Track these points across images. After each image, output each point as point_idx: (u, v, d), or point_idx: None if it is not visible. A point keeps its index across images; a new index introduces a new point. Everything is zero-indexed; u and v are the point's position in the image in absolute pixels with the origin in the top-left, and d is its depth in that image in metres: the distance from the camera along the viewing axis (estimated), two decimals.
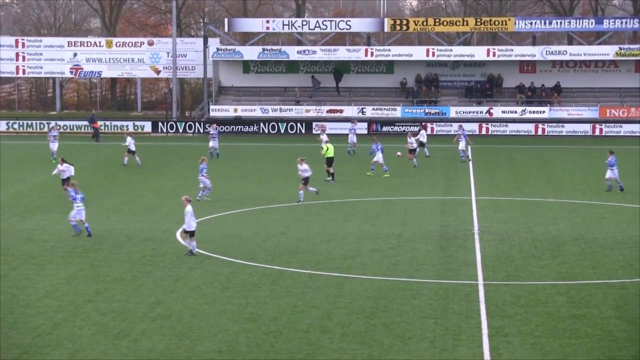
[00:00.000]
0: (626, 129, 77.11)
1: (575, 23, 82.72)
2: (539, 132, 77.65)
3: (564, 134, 77.36)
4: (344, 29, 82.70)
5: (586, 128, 77.61)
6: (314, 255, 33.06)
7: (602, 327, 24.74)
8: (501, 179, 53.14)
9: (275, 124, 79.24)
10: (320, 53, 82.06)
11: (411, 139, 58.66)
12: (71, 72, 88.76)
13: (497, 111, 79.66)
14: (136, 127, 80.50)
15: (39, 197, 46.03)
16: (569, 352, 22.79)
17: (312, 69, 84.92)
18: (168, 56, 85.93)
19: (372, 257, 32.91)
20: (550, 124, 78.08)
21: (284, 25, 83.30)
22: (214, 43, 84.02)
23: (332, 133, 71.09)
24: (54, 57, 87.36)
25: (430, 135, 72.25)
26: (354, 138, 64.78)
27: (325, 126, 74.65)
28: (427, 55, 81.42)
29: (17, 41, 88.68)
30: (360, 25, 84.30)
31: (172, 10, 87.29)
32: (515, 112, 79.67)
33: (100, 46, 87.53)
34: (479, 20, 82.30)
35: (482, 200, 45.24)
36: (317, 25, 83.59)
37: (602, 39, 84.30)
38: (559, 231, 37.53)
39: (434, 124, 77.93)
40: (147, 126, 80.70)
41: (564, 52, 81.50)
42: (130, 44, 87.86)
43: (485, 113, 79.74)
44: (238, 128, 79.77)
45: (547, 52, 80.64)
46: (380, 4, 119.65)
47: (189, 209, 32.70)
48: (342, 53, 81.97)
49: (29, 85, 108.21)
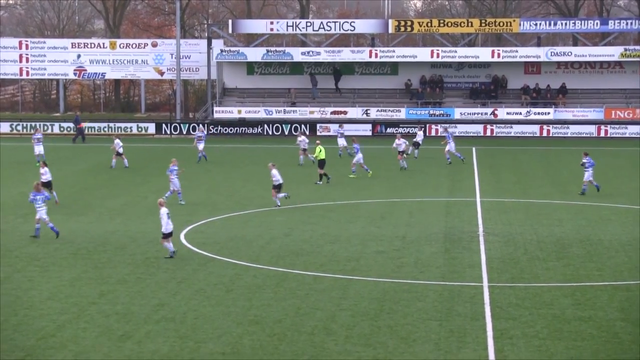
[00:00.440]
0: (631, 131, 76.97)
1: (580, 24, 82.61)
2: (544, 134, 77.55)
3: (569, 135, 77.26)
4: (348, 30, 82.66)
5: (591, 129, 77.49)
6: (318, 257, 32.97)
7: (607, 329, 24.64)
8: (506, 181, 53.03)
9: (279, 125, 79.19)
10: (325, 54, 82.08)
11: (400, 140, 57.39)
12: (75, 74, 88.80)
13: (502, 112, 79.60)
14: (140, 129, 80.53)
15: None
16: (574, 355, 22.70)
17: (316, 70, 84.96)
18: (172, 57, 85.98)
19: (377, 259, 32.82)
20: (555, 126, 77.98)
21: (288, 26, 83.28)
22: (217, 44, 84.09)
23: (336, 135, 70.87)
24: (57, 59, 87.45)
25: (434, 137, 72.23)
26: (343, 141, 63.47)
27: (304, 130, 74.35)
28: (432, 57, 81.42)
29: (20, 43, 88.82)
30: (364, 26, 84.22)
31: (175, 11, 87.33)
32: (520, 114, 79.62)
33: (104, 47, 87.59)
34: (483, 21, 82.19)
35: (486, 201, 45.14)
36: (322, 26, 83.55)
37: (607, 40, 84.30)
38: (564, 233, 37.43)
39: (438, 125, 77.85)
40: (151, 128, 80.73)
41: (569, 53, 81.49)
42: (134, 46, 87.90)
43: (490, 114, 79.70)
44: (242, 130, 79.77)
45: (552, 53, 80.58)
46: (384, 4, 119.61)
47: (163, 211, 32.48)
48: (347, 54, 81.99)
49: (32, 87, 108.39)
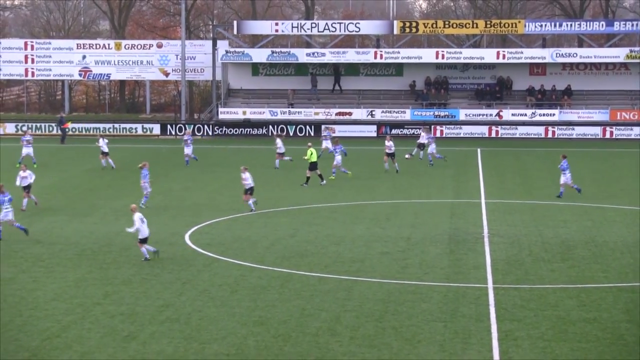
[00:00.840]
0: (637, 132, 76.78)
1: (586, 25, 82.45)
2: (549, 135, 77.45)
3: (574, 136, 77.16)
4: (353, 31, 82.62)
5: (596, 131, 77.36)
6: (323, 258, 32.96)
7: (612, 330, 24.61)
8: (511, 182, 52.98)
9: (284, 126, 79.13)
10: (329, 55, 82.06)
11: (390, 142, 55.98)
12: (80, 75, 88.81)
13: (507, 114, 79.51)
14: (145, 130, 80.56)
15: (47, 199, 45.96)
16: (579, 356, 22.68)
17: (321, 71, 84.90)
18: (177, 58, 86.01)
19: (381, 260, 32.80)
20: (560, 127, 77.88)
21: (293, 27, 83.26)
22: (222, 45, 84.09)
23: (341, 136, 70.96)
24: (62, 60, 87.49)
25: (439, 138, 72.21)
26: (328, 143, 62.04)
27: (282, 133, 73.76)
28: (437, 58, 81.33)
29: (26, 43, 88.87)
30: (369, 27, 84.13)
31: (181, 12, 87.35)
32: (525, 115, 79.51)
33: (109, 48, 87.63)
34: (488, 22, 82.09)
35: (491, 203, 45.10)
36: (326, 27, 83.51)
37: (613, 42, 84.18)
38: (569, 234, 37.39)
39: (443, 126, 77.79)
40: (156, 129, 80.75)
41: (574, 55, 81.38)
42: (139, 47, 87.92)
43: (495, 116, 79.61)
44: (247, 131, 79.77)
45: (557, 55, 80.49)
46: (389, 5, 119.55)
47: (137, 216, 32.30)
48: (351, 55, 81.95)
49: (37, 88, 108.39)
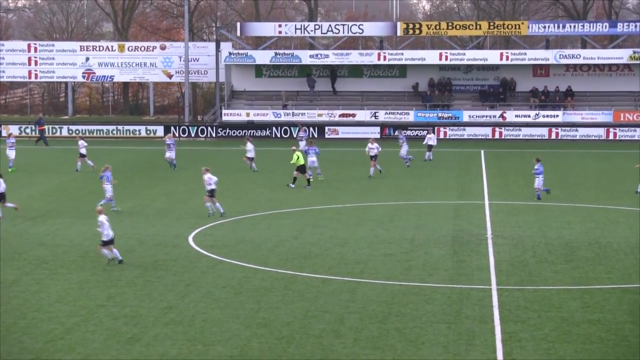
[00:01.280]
0: None
1: (589, 27, 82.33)
2: (553, 136, 77.39)
3: (577, 138, 77.08)
4: (356, 33, 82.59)
5: (600, 132, 77.28)
6: (327, 260, 32.96)
7: (616, 332, 24.59)
8: (514, 183, 52.93)
9: (287, 128, 79.10)
10: (333, 57, 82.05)
11: (373, 145, 54.60)
12: (83, 77, 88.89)
13: (511, 115, 79.46)
14: (148, 132, 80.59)
15: (51, 201, 46.01)
16: (583, 358, 22.67)
17: (324, 72, 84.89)
18: (180, 60, 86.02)
19: (385, 261, 32.79)
20: (563, 128, 77.81)
21: (296, 29, 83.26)
22: (226, 47, 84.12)
23: (345, 137, 71.02)
24: (66, 62, 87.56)
25: (443, 140, 72.19)
26: (303, 144, 62.19)
27: (249, 136, 72.40)
28: (440, 59, 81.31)
29: (29, 45, 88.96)
30: (373, 29, 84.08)
31: (184, 14, 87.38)
32: (529, 116, 79.45)
33: (112, 50, 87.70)
34: (492, 24, 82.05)
35: (495, 204, 45.08)
36: (330, 29, 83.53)
37: (616, 43, 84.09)
38: (572, 235, 37.36)
39: (447, 128, 77.76)
40: (160, 130, 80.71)
41: (578, 56, 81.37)
42: (142, 48, 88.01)
43: (499, 117, 79.56)
44: (250, 132, 79.71)
45: (561, 56, 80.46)
46: (393, 7, 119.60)
47: (101, 218, 32.07)
48: (355, 57, 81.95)
49: (41, 90, 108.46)
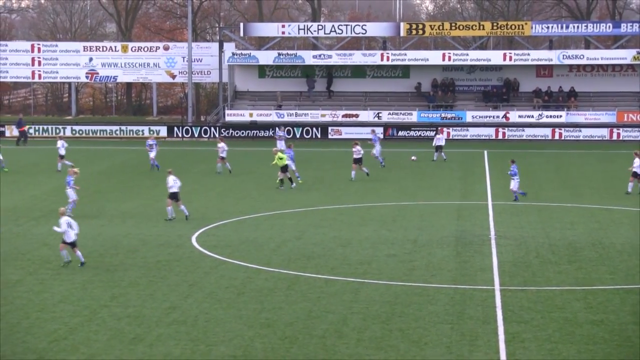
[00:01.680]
0: None
1: (593, 27, 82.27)
2: (556, 137, 77.35)
3: (581, 138, 77.04)
4: (359, 33, 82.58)
5: (603, 132, 77.24)
6: (330, 260, 32.95)
7: (619, 332, 24.57)
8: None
9: (290, 128, 79.08)
10: (336, 57, 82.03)
11: (356, 148, 53.36)
12: (87, 77, 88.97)
13: (514, 115, 79.42)
14: (152, 132, 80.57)
15: (54, 201, 45.98)
16: (586, 358, 22.65)
17: (325, 73, 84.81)
18: (183, 61, 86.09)
19: (388, 262, 32.79)
20: (567, 129, 77.77)
21: (299, 29, 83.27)
22: (229, 47, 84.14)
23: (349, 138, 70.99)
24: (69, 62, 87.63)
25: (446, 140, 72.12)
26: (282, 144, 62.41)
27: (223, 135, 71.26)
28: (444, 60, 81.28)
29: (32, 46, 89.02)
30: (376, 29, 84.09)
31: (187, 14, 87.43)
32: (532, 117, 79.41)
33: (115, 51, 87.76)
34: (495, 24, 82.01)
35: (498, 205, 45.05)
36: (333, 29, 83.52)
37: (620, 43, 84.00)
38: (576, 236, 37.33)
39: (450, 128, 77.73)
40: (163, 131, 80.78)
41: (581, 56, 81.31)
42: (145, 49, 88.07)
43: (502, 117, 79.52)
44: (254, 133, 79.78)
45: (564, 56, 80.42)
46: (396, 7, 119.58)
47: (64, 220, 31.86)
48: (358, 57, 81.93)
49: (44, 90, 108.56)
